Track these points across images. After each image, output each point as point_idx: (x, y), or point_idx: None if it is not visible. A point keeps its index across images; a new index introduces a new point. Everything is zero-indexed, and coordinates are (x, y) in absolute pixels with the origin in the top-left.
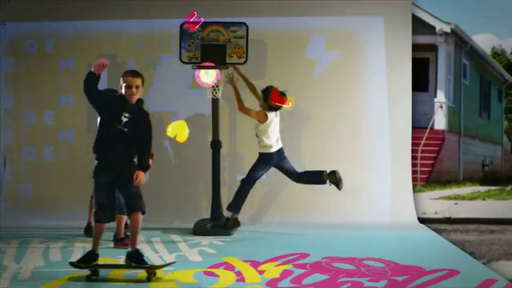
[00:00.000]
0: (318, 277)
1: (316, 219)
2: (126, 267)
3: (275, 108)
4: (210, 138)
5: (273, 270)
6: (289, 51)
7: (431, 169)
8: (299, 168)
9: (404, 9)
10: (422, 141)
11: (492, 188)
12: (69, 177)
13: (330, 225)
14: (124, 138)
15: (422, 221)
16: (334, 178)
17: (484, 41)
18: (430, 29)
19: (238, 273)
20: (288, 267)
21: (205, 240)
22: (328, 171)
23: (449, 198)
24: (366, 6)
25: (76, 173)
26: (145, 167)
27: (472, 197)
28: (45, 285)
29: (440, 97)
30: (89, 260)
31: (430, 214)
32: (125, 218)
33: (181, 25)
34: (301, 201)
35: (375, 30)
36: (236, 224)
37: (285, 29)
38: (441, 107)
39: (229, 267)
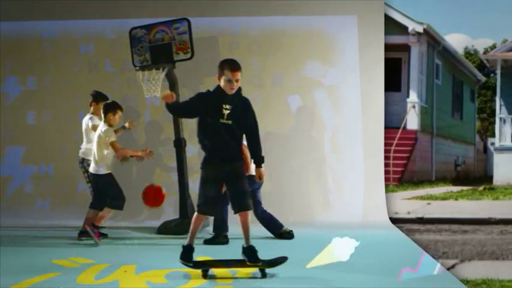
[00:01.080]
0: None
1: (285, 218)
2: (238, 265)
3: None
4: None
5: (245, 271)
6: (262, 50)
7: (403, 169)
8: (271, 168)
9: (377, 9)
10: (395, 141)
11: (465, 188)
12: None
13: (300, 225)
14: (230, 131)
15: (395, 221)
16: (289, 236)
17: (456, 41)
18: (403, 29)
19: (211, 273)
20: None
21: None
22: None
23: (421, 198)
24: (339, 5)
25: None
26: (261, 161)
27: (444, 197)
28: None
29: (413, 97)
30: (189, 254)
31: (403, 214)
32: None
33: (130, 31)
34: (273, 202)
35: (348, 29)
36: (225, 241)
37: (258, 28)
38: (414, 107)
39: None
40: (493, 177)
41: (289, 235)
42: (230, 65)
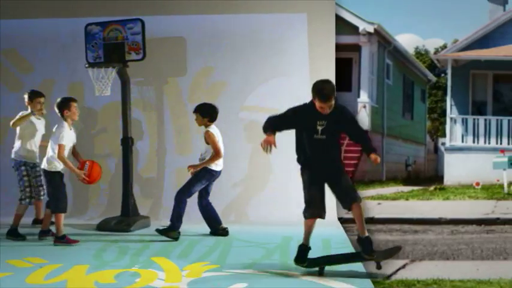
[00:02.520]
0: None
1: (231, 217)
2: (353, 259)
3: (214, 120)
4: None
5: (197, 271)
6: (212, 48)
7: (354, 169)
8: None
9: (328, 9)
10: (346, 141)
11: (415, 188)
12: None
13: (249, 223)
14: (325, 146)
15: (346, 220)
16: (224, 233)
17: (407, 41)
18: (354, 29)
19: (162, 273)
20: (214, 267)
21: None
22: (222, 228)
23: (372, 198)
24: (289, 4)
25: None
26: (374, 149)
27: (395, 197)
28: None
29: (364, 97)
30: (304, 255)
31: None
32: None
33: (86, 26)
34: (221, 201)
35: (298, 28)
36: (177, 236)
37: (209, 26)
38: (364, 107)
39: (155, 267)
40: (443, 177)
41: (224, 232)
42: (321, 96)
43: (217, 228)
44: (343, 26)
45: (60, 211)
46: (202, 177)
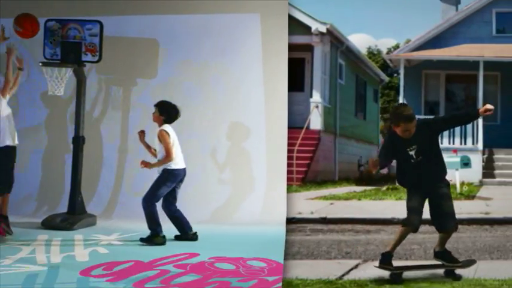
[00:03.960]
0: (190, 277)
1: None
2: (434, 267)
3: (170, 121)
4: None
5: (150, 271)
6: (164, 49)
7: (307, 169)
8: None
9: (281, 9)
10: (298, 141)
11: (368, 188)
12: None
13: (199, 222)
14: (424, 167)
15: (298, 221)
16: (191, 238)
17: (359, 41)
18: (306, 29)
19: (114, 273)
20: (169, 267)
21: (106, 239)
22: (193, 233)
23: (325, 198)
24: (241, 4)
25: None
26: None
27: (347, 197)
28: None
29: (316, 97)
30: (389, 259)
31: (306, 214)
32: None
33: (46, 22)
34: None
35: (251, 28)
36: (163, 241)
37: (162, 27)
38: (317, 107)
39: (109, 267)
40: (396, 177)
41: (194, 236)
42: (406, 119)
43: (187, 235)
44: (295, 26)
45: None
46: (166, 179)
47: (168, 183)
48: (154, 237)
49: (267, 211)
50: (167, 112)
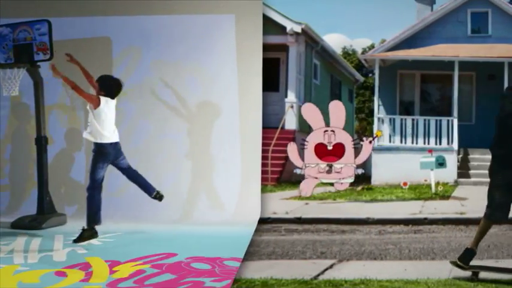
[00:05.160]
0: (165, 277)
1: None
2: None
3: (111, 96)
4: None
5: (125, 271)
6: (139, 49)
7: (282, 169)
8: (145, 166)
9: (255, 9)
10: (273, 141)
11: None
12: None
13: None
14: None
15: (273, 221)
16: (159, 197)
17: (334, 41)
18: (281, 29)
19: (89, 273)
20: (145, 267)
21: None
22: (158, 193)
23: (300, 198)
24: (216, 4)
25: None
26: None
27: (322, 197)
28: None
29: (291, 97)
30: (468, 258)
31: (281, 214)
32: None
33: None
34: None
35: (225, 29)
36: (93, 234)
37: (136, 27)
38: (292, 107)
39: (85, 267)
40: (371, 177)
41: (157, 195)
42: None
43: (151, 194)
44: (270, 26)
45: None
46: (95, 160)
47: (100, 163)
48: (85, 231)
49: (241, 211)
50: (107, 86)
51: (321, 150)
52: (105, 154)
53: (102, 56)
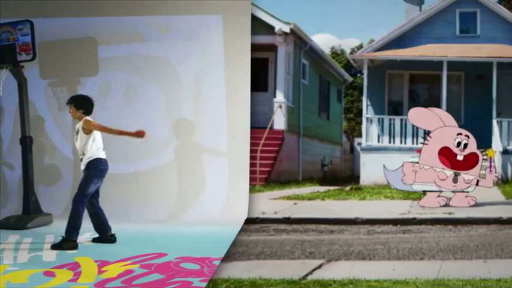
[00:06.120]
0: (153, 277)
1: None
2: None
3: (89, 113)
4: None
5: (114, 271)
6: (123, 49)
7: (270, 169)
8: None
9: (243, 9)
10: (262, 141)
11: (331, 187)
12: None
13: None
14: None
15: (262, 221)
16: (109, 239)
17: (323, 41)
18: (270, 29)
19: (77, 273)
20: (134, 267)
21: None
22: (110, 234)
23: (288, 198)
24: (203, 5)
25: None
26: None
27: (311, 197)
28: None
29: (280, 97)
30: None
31: (270, 214)
32: None
33: None
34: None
35: (213, 29)
36: (73, 247)
37: (124, 27)
38: (280, 107)
39: (74, 267)
40: (359, 177)
41: (112, 238)
42: None
43: (105, 235)
44: (259, 26)
45: None
46: (92, 175)
47: (96, 179)
48: (65, 242)
49: (228, 211)
50: (83, 105)
51: (449, 157)
52: (102, 170)
53: (88, 56)
